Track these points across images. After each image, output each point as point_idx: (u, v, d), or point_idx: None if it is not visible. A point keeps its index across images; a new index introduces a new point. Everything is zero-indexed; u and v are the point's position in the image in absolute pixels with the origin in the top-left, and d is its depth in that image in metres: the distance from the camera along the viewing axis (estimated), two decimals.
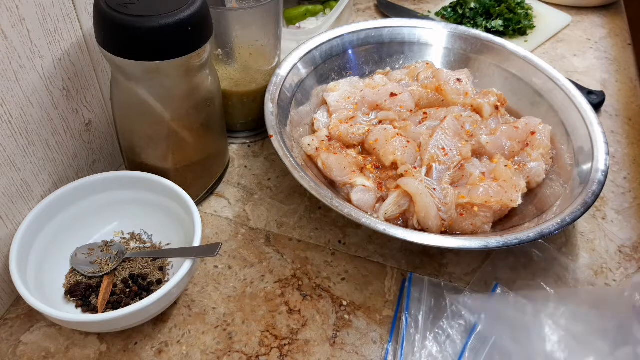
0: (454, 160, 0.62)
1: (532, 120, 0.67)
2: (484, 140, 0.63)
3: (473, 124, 0.66)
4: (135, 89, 0.53)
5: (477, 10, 0.97)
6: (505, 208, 0.59)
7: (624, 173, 0.72)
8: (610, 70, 0.90)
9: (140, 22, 0.47)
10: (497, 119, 0.68)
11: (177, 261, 0.56)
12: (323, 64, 0.74)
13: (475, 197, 0.57)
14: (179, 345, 0.52)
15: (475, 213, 0.57)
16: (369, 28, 0.78)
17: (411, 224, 0.58)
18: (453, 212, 0.57)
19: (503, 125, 0.66)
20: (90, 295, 0.53)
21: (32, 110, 0.51)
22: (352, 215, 0.53)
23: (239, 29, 0.62)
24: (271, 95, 0.65)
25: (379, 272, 0.59)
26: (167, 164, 0.59)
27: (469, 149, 0.63)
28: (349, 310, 0.55)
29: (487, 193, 0.57)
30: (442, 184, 0.59)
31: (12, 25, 0.46)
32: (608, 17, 1.03)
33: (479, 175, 0.60)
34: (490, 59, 0.76)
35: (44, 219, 0.54)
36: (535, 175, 0.62)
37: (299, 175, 0.56)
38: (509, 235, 0.53)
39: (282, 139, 0.60)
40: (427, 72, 0.73)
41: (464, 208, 0.58)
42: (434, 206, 0.57)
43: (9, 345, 0.51)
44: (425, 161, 0.61)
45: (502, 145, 0.64)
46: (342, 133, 0.65)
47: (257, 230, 0.63)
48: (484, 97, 0.70)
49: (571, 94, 0.69)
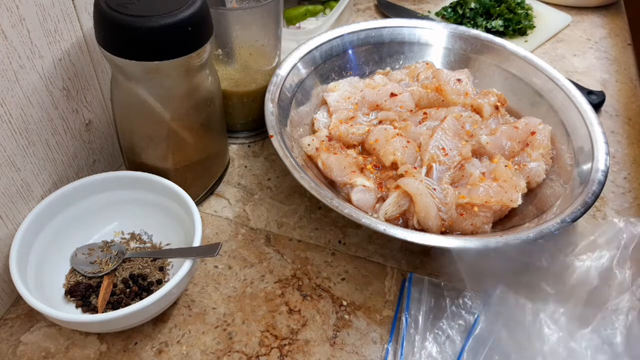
0: (454, 160, 0.62)
1: (532, 120, 0.67)
2: (484, 140, 0.63)
3: (473, 124, 0.66)
4: (135, 89, 0.53)
5: (477, 10, 0.97)
6: (505, 208, 0.59)
7: (624, 173, 0.72)
8: (610, 70, 0.90)
9: (140, 22, 0.47)
10: (497, 119, 0.68)
11: (177, 261, 0.56)
12: (323, 64, 0.74)
13: (475, 197, 0.57)
14: (179, 345, 0.52)
15: (475, 213, 0.57)
16: (369, 28, 0.77)
17: (411, 224, 0.58)
18: (453, 212, 0.57)
19: (503, 125, 0.66)
20: (90, 295, 0.53)
21: (32, 110, 0.51)
22: (352, 215, 0.53)
23: (239, 29, 0.62)
24: (271, 95, 0.65)
25: (379, 272, 0.59)
26: (167, 164, 0.59)
27: (469, 149, 0.63)
28: (349, 310, 0.55)
29: (487, 193, 0.57)
30: (442, 184, 0.59)
31: (12, 25, 0.46)
32: (608, 17, 1.03)
33: (479, 175, 0.60)
34: (490, 59, 0.76)
35: (44, 219, 0.54)
36: (535, 175, 0.62)
37: (299, 175, 0.56)
38: (509, 235, 0.53)
39: (282, 139, 0.60)
40: (427, 72, 0.73)
41: (464, 208, 0.58)
42: (434, 206, 0.57)
43: (9, 345, 0.51)
44: (425, 161, 0.61)
45: (502, 145, 0.64)
46: (342, 133, 0.65)
47: (257, 230, 0.63)
48: (484, 97, 0.70)
49: (571, 94, 0.69)
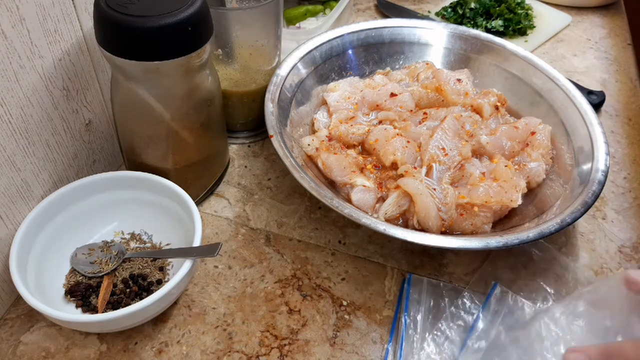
0: (454, 160, 0.62)
1: (532, 120, 0.67)
2: (484, 140, 0.63)
3: (473, 124, 0.66)
4: (135, 89, 0.53)
5: (477, 10, 0.97)
6: (505, 208, 0.59)
7: (624, 173, 0.72)
8: (610, 70, 0.90)
9: (140, 22, 0.47)
10: (497, 119, 0.68)
11: (177, 261, 0.56)
12: (323, 64, 0.74)
13: (475, 197, 0.57)
14: (179, 345, 0.52)
15: (475, 213, 0.57)
16: (369, 28, 0.78)
17: (411, 224, 0.58)
18: (453, 212, 0.57)
19: (503, 125, 0.66)
20: (90, 295, 0.53)
21: (32, 110, 0.51)
22: (352, 215, 0.53)
23: (239, 29, 0.62)
24: (271, 95, 0.65)
25: (379, 272, 0.59)
26: (167, 164, 0.59)
27: (469, 149, 0.63)
28: (349, 310, 0.55)
29: (487, 193, 0.57)
30: (442, 184, 0.59)
31: (12, 25, 0.46)
32: (608, 17, 1.03)
33: (479, 175, 0.60)
34: (490, 59, 0.76)
35: (44, 219, 0.54)
36: (535, 175, 0.62)
37: (299, 175, 0.56)
38: (509, 235, 0.53)
39: (282, 139, 0.60)
40: (427, 72, 0.73)
41: (464, 208, 0.58)
42: (434, 206, 0.57)
43: (9, 345, 0.51)
44: (425, 161, 0.61)
45: (502, 145, 0.64)
46: (342, 133, 0.65)
47: (257, 230, 0.63)
48: (484, 97, 0.70)
49: (571, 94, 0.69)
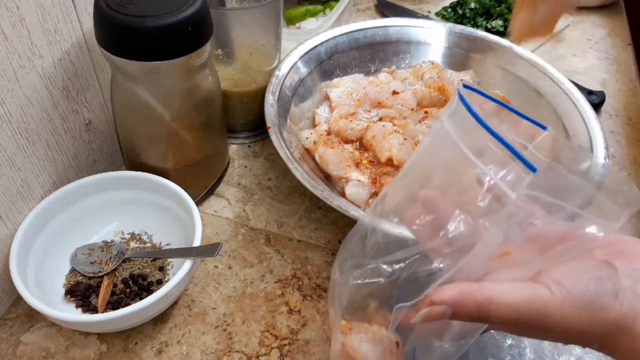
0: None
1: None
2: None
3: None
4: (135, 89, 0.53)
5: (477, 10, 0.97)
6: None
7: (623, 173, 0.72)
8: (610, 70, 0.90)
9: (140, 22, 0.47)
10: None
11: (177, 261, 0.56)
12: (327, 60, 0.74)
13: None
14: (179, 345, 0.52)
15: None
16: (369, 28, 0.78)
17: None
18: None
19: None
20: (90, 295, 0.53)
21: (32, 110, 0.51)
22: (341, 207, 0.53)
23: (239, 29, 0.62)
24: (272, 87, 0.66)
25: None
26: (167, 164, 0.59)
27: None
28: None
29: None
30: None
31: (12, 25, 0.46)
32: (608, 17, 1.03)
33: None
34: (493, 59, 0.76)
35: (44, 219, 0.54)
36: None
37: (293, 167, 0.56)
38: None
39: (279, 131, 0.61)
40: (432, 71, 0.73)
41: None
42: None
43: (9, 345, 0.51)
44: None
45: None
46: (340, 128, 0.65)
47: (257, 230, 0.63)
48: None
49: (572, 95, 0.69)
